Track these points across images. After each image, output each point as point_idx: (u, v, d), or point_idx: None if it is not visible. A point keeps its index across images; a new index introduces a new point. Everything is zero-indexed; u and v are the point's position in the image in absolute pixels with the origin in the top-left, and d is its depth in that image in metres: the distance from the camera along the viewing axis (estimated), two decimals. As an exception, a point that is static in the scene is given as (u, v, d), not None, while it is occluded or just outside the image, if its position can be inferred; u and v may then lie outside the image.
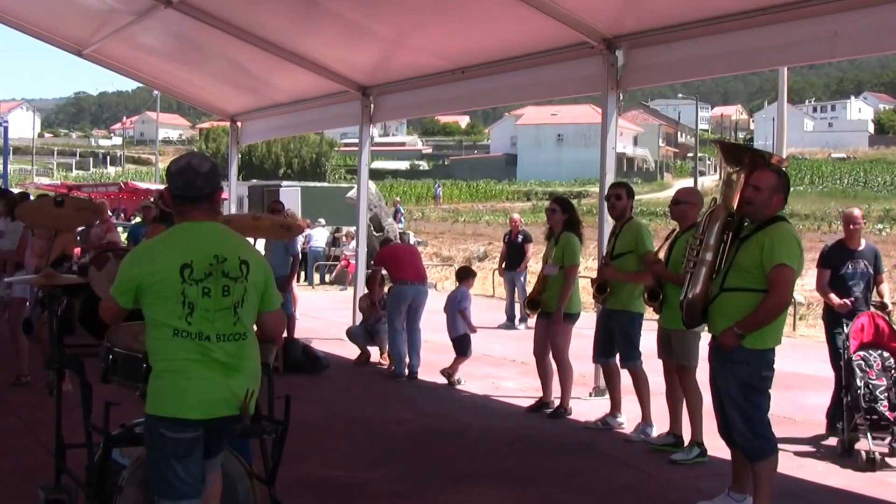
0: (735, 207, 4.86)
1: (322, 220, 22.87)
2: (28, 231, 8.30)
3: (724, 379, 4.74)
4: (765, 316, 4.64)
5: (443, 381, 8.99)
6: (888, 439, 6.29)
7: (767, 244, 4.62)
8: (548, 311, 7.44)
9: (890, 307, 7.12)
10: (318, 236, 21.68)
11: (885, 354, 6.53)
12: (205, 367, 3.26)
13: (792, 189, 6.15)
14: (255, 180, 41.74)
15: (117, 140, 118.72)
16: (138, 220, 15.17)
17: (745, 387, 4.67)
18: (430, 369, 9.67)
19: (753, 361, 4.65)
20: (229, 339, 3.31)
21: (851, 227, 7.07)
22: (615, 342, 6.93)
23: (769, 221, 4.71)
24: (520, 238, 13.77)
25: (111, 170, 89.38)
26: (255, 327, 3.48)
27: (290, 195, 24.69)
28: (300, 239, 14.45)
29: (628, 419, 7.05)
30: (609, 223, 7.42)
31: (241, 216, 5.25)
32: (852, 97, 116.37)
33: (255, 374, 3.42)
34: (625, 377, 7.03)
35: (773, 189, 4.72)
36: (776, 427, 4.88)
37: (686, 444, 6.28)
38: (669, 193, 7.84)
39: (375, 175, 52.96)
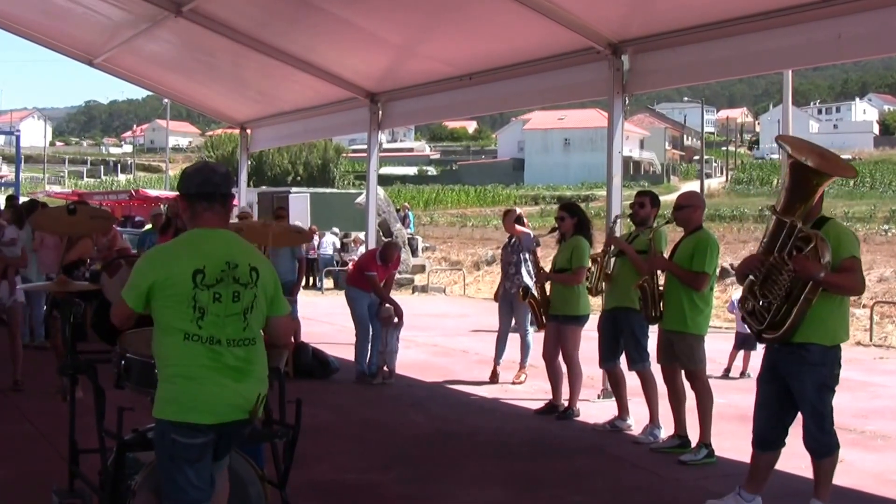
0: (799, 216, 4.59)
1: (336, 229, 22.98)
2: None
3: (800, 382, 4.70)
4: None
5: (452, 385, 9.03)
6: None
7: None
8: (556, 313, 7.50)
9: None
10: (326, 243, 21.88)
11: None
12: (216, 373, 3.27)
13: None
14: (264, 187, 41.89)
15: (128, 148, 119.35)
16: (148, 227, 15.25)
17: (821, 388, 4.69)
18: (438, 373, 9.71)
19: (829, 362, 4.68)
20: (239, 345, 3.33)
21: None
22: (622, 343, 6.94)
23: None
24: (528, 242, 13.76)
25: (122, 177, 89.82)
26: (261, 333, 3.49)
27: (300, 202, 24.75)
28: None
29: (636, 421, 7.07)
30: (617, 226, 7.44)
31: (251, 224, 5.29)
32: (857, 99, 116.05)
33: (264, 378, 3.45)
34: (632, 378, 7.03)
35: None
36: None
37: (694, 444, 6.30)
38: (676, 196, 7.92)
39: (384, 181, 52.99)
